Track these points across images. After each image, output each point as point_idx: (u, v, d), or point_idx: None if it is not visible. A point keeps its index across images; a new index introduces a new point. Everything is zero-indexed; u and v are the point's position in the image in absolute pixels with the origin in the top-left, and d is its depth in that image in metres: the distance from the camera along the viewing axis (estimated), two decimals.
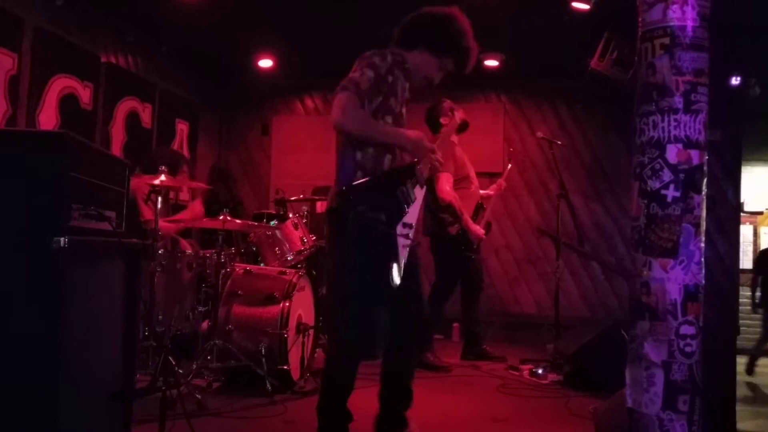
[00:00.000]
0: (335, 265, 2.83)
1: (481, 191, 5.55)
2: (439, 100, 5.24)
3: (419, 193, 2.87)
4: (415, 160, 2.83)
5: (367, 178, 2.70)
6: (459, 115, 4.88)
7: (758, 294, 7.27)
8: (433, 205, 5.09)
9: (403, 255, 2.77)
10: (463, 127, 5.08)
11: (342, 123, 2.64)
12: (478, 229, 5.21)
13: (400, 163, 2.84)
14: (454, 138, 5.17)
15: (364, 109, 2.68)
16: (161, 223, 3.97)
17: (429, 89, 3.05)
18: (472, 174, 5.38)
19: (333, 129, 2.69)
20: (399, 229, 2.73)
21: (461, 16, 2.93)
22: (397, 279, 2.71)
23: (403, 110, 2.92)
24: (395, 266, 2.71)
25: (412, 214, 2.80)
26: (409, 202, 2.79)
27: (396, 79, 2.80)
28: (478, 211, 5.42)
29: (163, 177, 3.79)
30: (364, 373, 2.91)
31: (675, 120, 2.17)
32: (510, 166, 5.91)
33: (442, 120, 5.11)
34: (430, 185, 4.80)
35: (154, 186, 3.77)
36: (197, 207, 5.37)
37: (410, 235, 2.78)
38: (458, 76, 3.07)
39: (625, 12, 3.02)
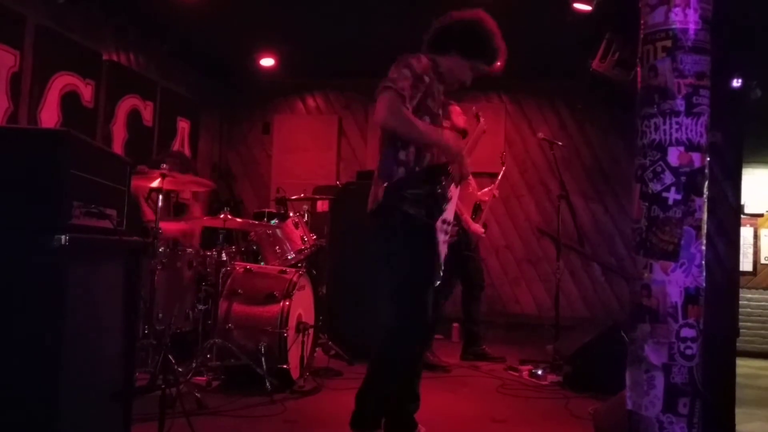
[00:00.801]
0: (384, 261, 2.90)
1: (477, 193, 5.56)
2: (447, 102, 5.25)
3: (454, 192, 2.95)
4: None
5: (407, 175, 2.79)
6: (483, 122, 5.00)
7: None
8: None
9: (443, 251, 2.87)
10: (461, 135, 5.18)
11: (386, 121, 2.73)
12: (478, 228, 5.22)
13: (437, 162, 2.91)
14: None
15: (406, 108, 2.75)
16: (162, 224, 3.97)
17: (462, 90, 3.10)
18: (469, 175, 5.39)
19: (377, 126, 2.80)
20: (439, 225, 2.83)
21: (488, 18, 2.99)
22: (438, 275, 2.85)
23: (440, 111, 3.00)
24: (437, 261, 2.84)
25: (450, 210, 2.90)
26: (446, 198, 2.86)
27: (432, 80, 2.88)
28: (476, 211, 5.42)
29: (165, 177, 3.80)
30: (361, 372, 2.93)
31: (676, 123, 2.18)
32: (503, 169, 5.89)
33: (444, 123, 5.15)
34: None
35: (153, 188, 3.78)
36: (197, 212, 5.35)
37: (449, 230, 2.87)
38: (488, 76, 3.12)
39: (627, 13, 3.02)
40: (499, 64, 3.06)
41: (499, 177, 5.78)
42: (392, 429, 2.97)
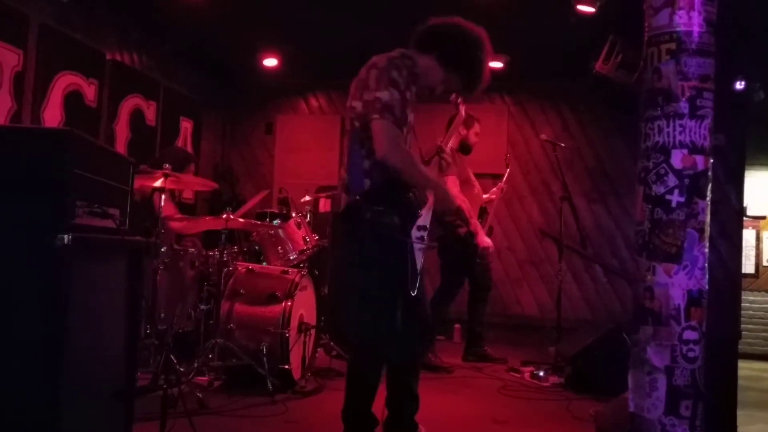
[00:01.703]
0: (347, 269, 2.85)
1: (483, 195, 5.57)
2: (474, 117, 5.30)
3: (430, 196, 2.86)
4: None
5: (378, 185, 2.71)
6: (463, 109, 5.03)
7: None
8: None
9: (419, 258, 2.77)
10: (467, 150, 5.27)
11: (388, 157, 2.65)
12: (488, 241, 5.21)
13: None
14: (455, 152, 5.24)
15: (406, 145, 2.72)
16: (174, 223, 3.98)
17: (427, 97, 3.00)
18: (473, 177, 5.40)
19: (377, 158, 2.67)
20: (414, 232, 2.74)
21: (486, 43, 2.88)
22: (414, 284, 2.73)
23: (412, 116, 2.89)
24: (411, 271, 2.73)
25: (425, 216, 2.81)
26: (421, 204, 2.80)
27: (411, 92, 2.79)
28: (482, 214, 5.42)
29: (167, 176, 3.81)
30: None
31: (680, 125, 2.17)
32: (508, 170, 5.91)
33: (461, 128, 5.17)
34: None
35: (155, 187, 3.78)
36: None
37: (425, 238, 2.80)
38: (463, 96, 3.04)
39: (631, 15, 3.02)
40: (473, 91, 2.97)
41: (504, 178, 5.79)
42: (393, 431, 2.96)
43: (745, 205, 6.62)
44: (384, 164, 2.67)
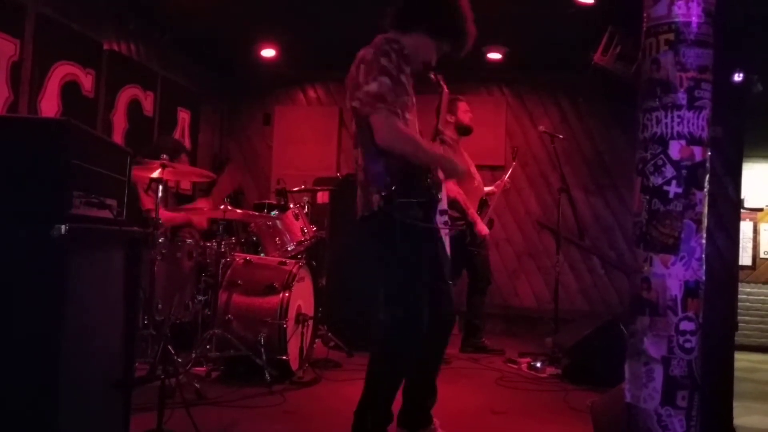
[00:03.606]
0: (380, 268, 2.81)
1: (486, 188, 5.57)
2: (455, 98, 5.23)
3: (442, 175, 2.86)
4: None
5: (399, 178, 2.67)
6: (446, 89, 5.02)
7: None
8: None
9: (447, 243, 2.81)
10: (466, 131, 5.23)
11: (392, 144, 2.63)
12: (483, 228, 5.22)
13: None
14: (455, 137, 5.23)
15: (408, 128, 2.69)
16: (161, 212, 3.96)
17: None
18: (474, 169, 5.39)
19: (382, 149, 2.65)
20: (438, 219, 2.76)
21: None
22: (448, 271, 2.77)
23: (414, 99, 2.87)
24: (442, 258, 2.77)
25: (444, 200, 2.82)
26: (439, 188, 2.79)
27: (405, 74, 2.75)
28: (482, 207, 5.43)
29: (165, 166, 3.79)
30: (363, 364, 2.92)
31: (678, 116, 2.17)
32: (514, 164, 5.92)
33: (448, 117, 5.14)
34: None
35: (153, 178, 3.77)
36: (201, 203, 5.37)
37: (448, 221, 2.80)
38: (455, 61, 3.02)
39: (629, 6, 3.01)
40: (465, 48, 2.94)
41: (510, 171, 5.79)
42: (408, 423, 2.93)
43: (742, 197, 6.64)
44: (390, 152, 2.65)
